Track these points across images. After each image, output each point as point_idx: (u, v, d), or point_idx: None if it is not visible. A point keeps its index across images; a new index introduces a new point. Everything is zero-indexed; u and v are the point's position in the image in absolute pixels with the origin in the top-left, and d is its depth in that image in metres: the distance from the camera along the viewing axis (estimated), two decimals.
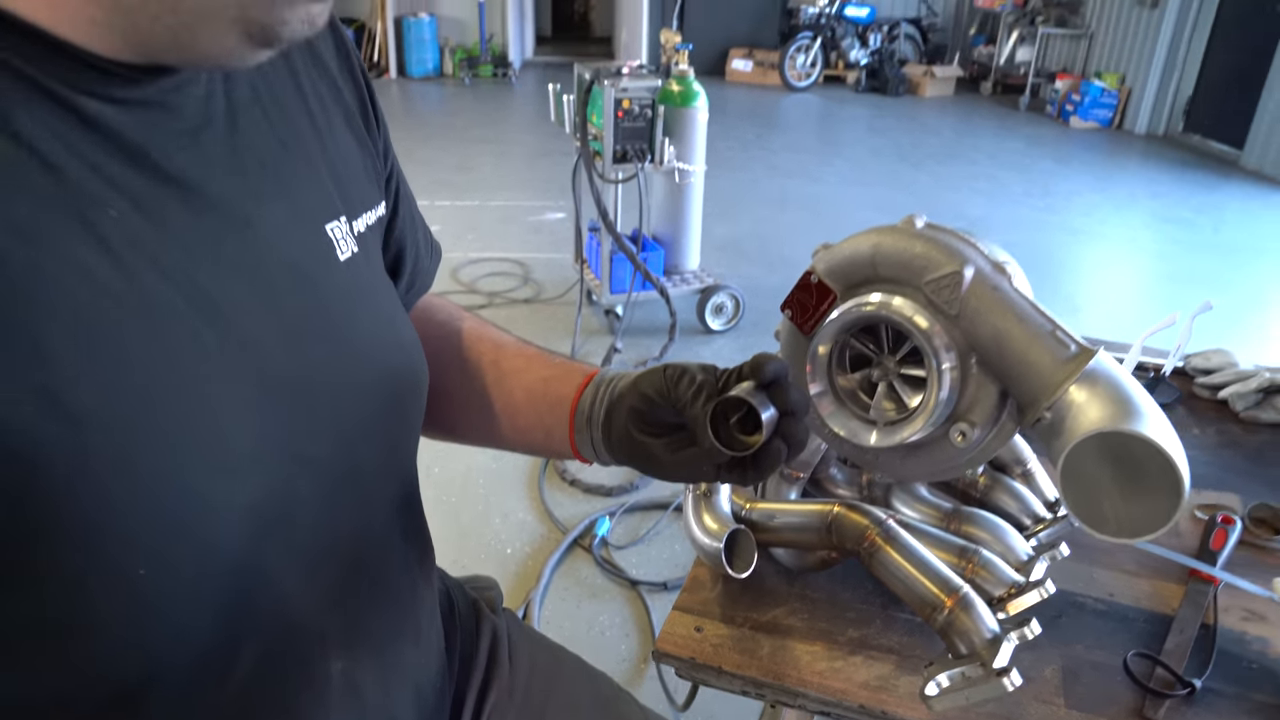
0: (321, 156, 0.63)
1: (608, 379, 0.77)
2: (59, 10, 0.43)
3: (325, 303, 0.59)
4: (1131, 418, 0.66)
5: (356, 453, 0.61)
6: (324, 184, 0.62)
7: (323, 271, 0.60)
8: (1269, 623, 0.91)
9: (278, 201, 0.57)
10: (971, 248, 0.77)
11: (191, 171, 0.51)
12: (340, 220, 0.62)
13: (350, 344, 0.61)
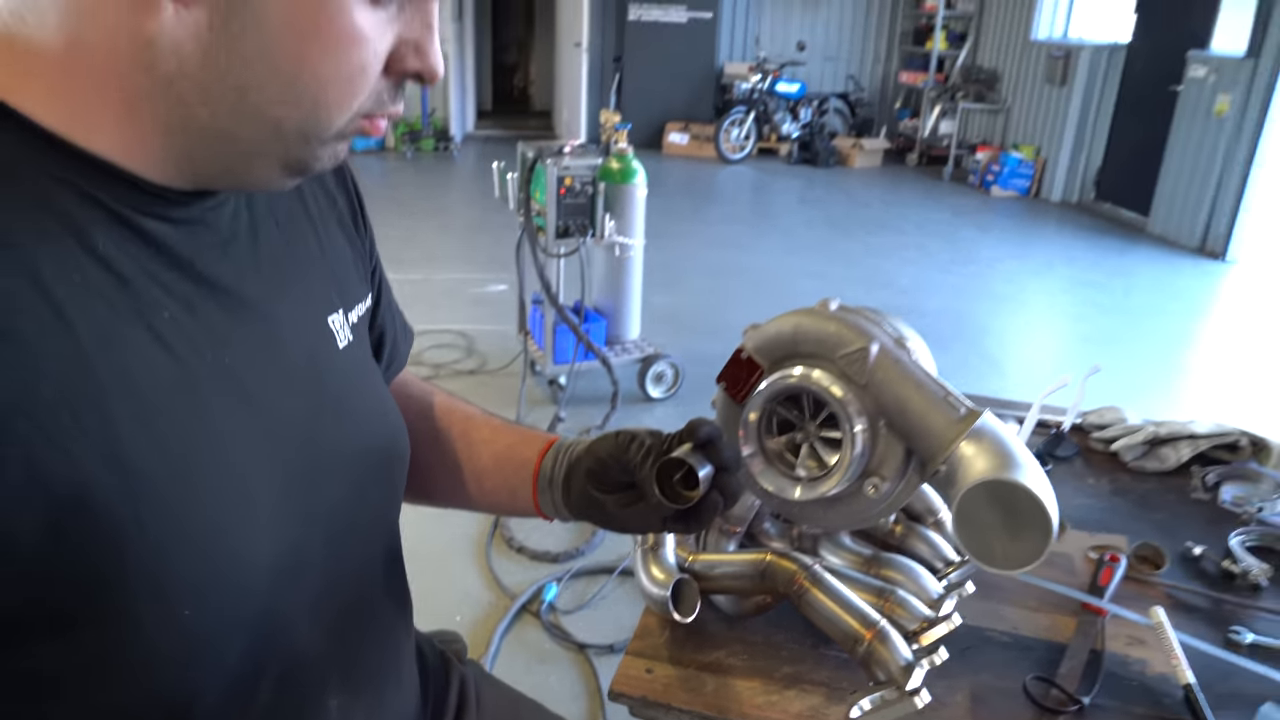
0: (321, 258, 0.73)
1: (566, 445, 0.88)
2: (131, 148, 0.54)
3: (329, 385, 0.69)
4: (1011, 468, 0.78)
5: (353, 513, 0.70)
6: (325, 282, 0.73)
7: (326, 358, 0.70)
8: (1148, 647, 1.03)
9: (291, 300, 0.67)
10: (877, 326, 0.90)
11: (226, 277, 0.61)
12: (339, 313, 0.73)
13: (349, 420, 0.71)
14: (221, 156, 0.56)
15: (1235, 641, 1.05)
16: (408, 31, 0.57)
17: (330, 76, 0.54)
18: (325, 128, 0.56)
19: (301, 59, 0.52)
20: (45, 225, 0.51)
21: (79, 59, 0.52)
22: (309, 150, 0.57)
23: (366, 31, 0.54)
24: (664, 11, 9.98)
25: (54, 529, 0.49)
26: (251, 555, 0.59)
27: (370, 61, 0.55)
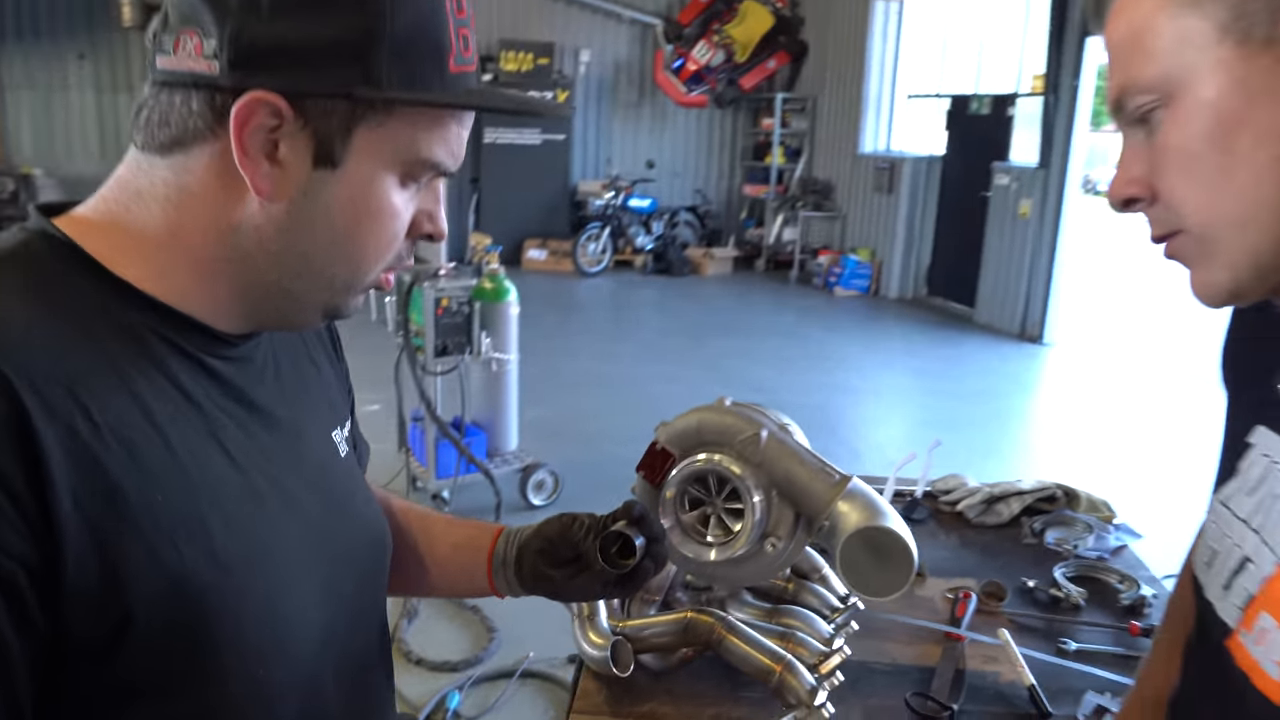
0: (319, 383, 0.90)
1: (513, 531, 1.04)
2: (205, 303, 0.70)
3: (335, 489, 0.85)
4: (879, 518, 1.00)
5: (362, 594, 0.85)
6: (325, 402, 0.89)
7: (333, 465, 0.86)
8: (999, 661, 1.26)
9: (309, 419, 0.83)
10: (764, 416, 1.12)
11: (264, 401, 0.77)
12: (337, 428, 0.89)
13: (353, 516, 0.86)
14: (280, 308, 0.73)
15: (1064, 650, 1.30)
16: (424, 204, 0.75)
17: (373, 243, 0.71)
18: (364, 280, 0.74)
19: (354, 231, 0.70)
20: (141, 364, 0.66)
21: (177, 241, 0.68)
22: (348, 298, 0.75)
23: (399, 208, 0.72)
24: (518, 134, 10.41)
25: (166, 607, 0.63)
26: (302, 629, 0.74)
27: (400, 230, 0.73)
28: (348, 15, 0.64)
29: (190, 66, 0.65)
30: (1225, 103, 0.63)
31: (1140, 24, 0.66)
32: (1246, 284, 0.67)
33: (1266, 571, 0.69)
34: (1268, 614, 0.68)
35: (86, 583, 0.59)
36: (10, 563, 0.56)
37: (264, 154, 0.66)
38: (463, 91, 0.71)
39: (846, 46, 10.11)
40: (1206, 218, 0.66)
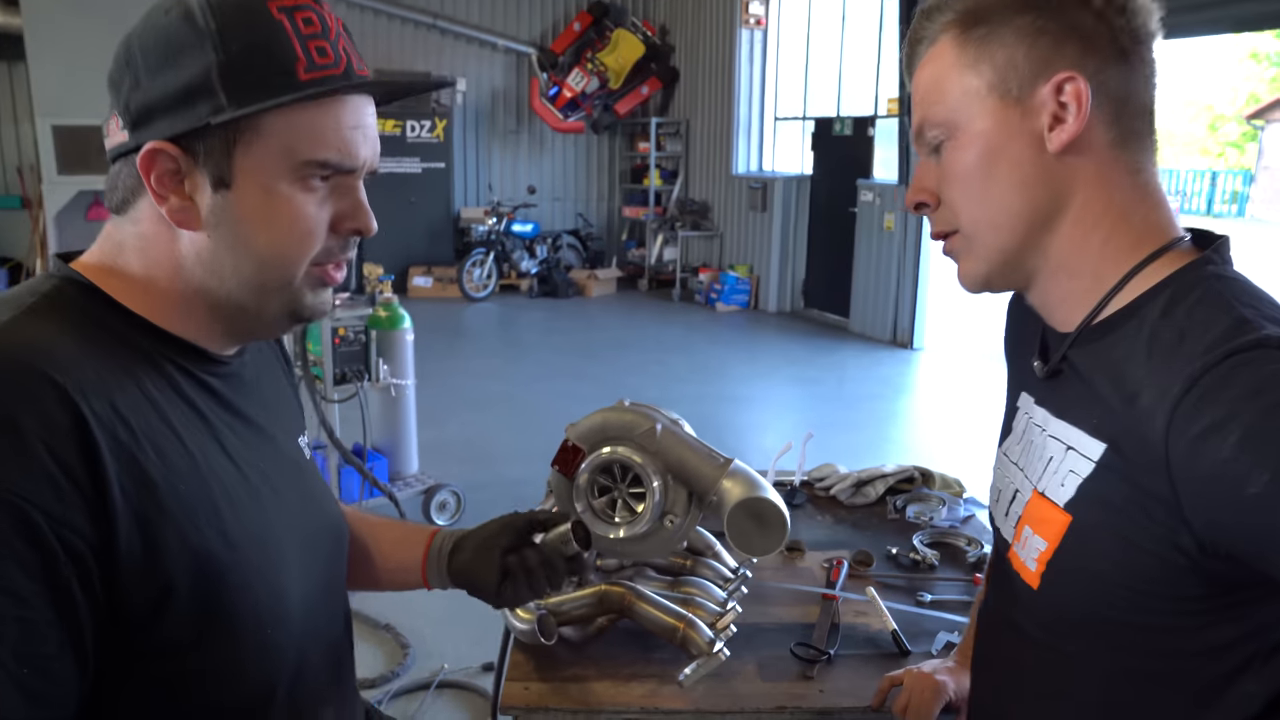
0: (286, 397, 1.04)
1: (446, 533, 1.20)
2: (191, 328, 0.85)
3: (307, 484, 1.00)
4: (758, 489, 1.20)
5: (330, 574, 1.00)
6: (291, 414, 1.03)
7: (303, 465, 1.00)
8: (868, 615, 1.48)
9: (283, 426, 0.98)
10: (658, 412, 1.31)
11: (250, 411, 0.91)
12: (302, 435, 1.03)
13: (321, 509, 1.01)
14: (245, 321, 0.87)
15: (921, 601, 1.53)
16: (339, 204, 0.86)
17: (287, 244, 0.83)
18: (295, 279, 0.85)
19: (266, 239, 0.82)
20: (158, 382, 0.81)
21: (153, 280, 0.83)
22: (289, 296, 0.86)
23: (302, 209, 0.83)
24: (398, 163, 10.42)
25: (193, 579, 0.77)
26: (293, 597, 0.88)
27: (312, 228, 0.84)
28: (188, 62, 0.78)
29: (116, 141, 0.82)
30: (989, 139, 0.86)
31: (937, 78, 0.89)
32: (996, 274, 0.90)
33: (1026, 497, 0.92)
34: (1028, 526, 0.90)
35: (133, 558, 0.73)
36: (79, 541, 0.70)
37: (173, 192, 0.80)
38: (310, 86, 0.78)
39: (715, 72, 10.53)
40: (972, 220, 0.89)
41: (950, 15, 0.87)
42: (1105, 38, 0.82)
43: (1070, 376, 0.89)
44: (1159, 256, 0.84)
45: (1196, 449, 0.70)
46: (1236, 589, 0.75)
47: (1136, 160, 0.86)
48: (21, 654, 0.68)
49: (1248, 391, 0.69)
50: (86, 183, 8.63)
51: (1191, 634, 0.78)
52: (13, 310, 0.77)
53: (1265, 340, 0.70)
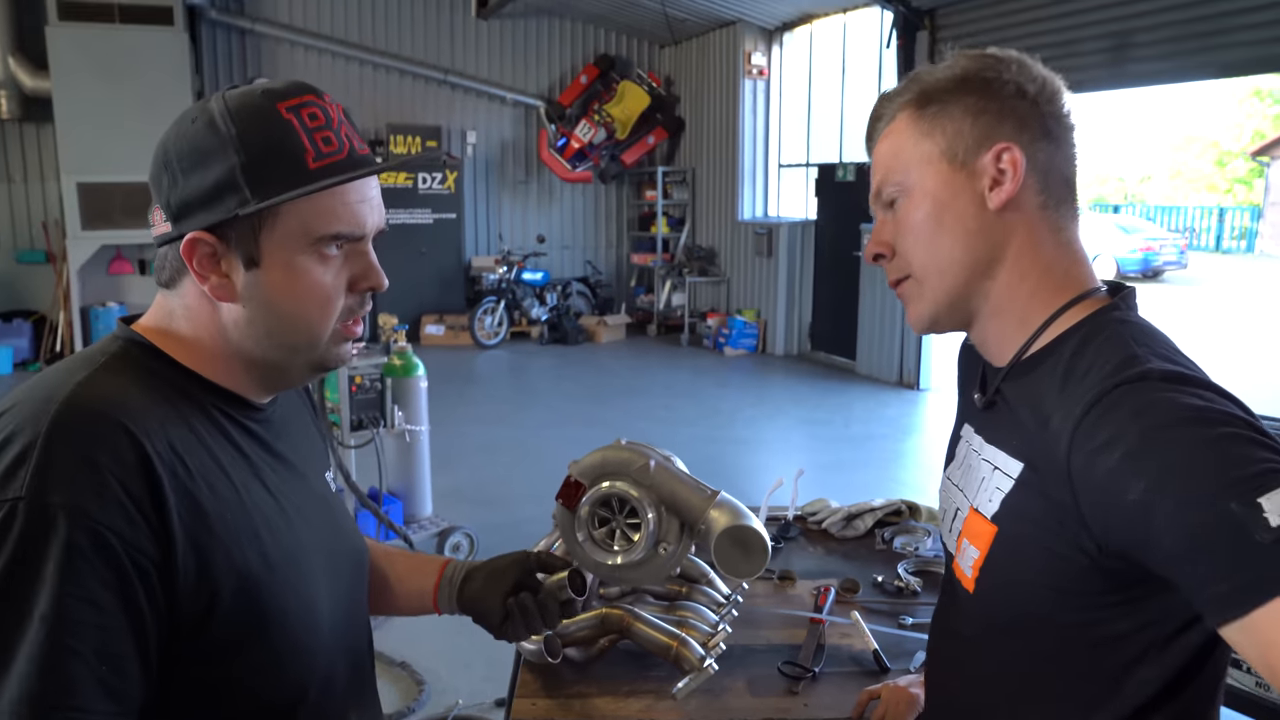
0: (314, 437, 1.17)
1: (457, 563, 1.32)
2: (235, 380, 0.98)
3: (333, 515, 1.12)
4: (742, 519, 1.32)
5: (353, 596, 1.13)
6: (318, 452, 1.16)
7: (330, 498, 1.13)
8: (852, 637, 1.59)
9: (311, 464, 1.11)
10: (651, 450, 1.43)
11: (283, 451, 1.05)
12: (327, 471, 1.17)
13: (346, 537, 1.14)
14: (277, 374, 1.01)
15: (903, 624, 1.64)
16: (354, 267, 1.00)
17: (311, 309, 0.97)
18: (322, 337, 0.99)
19: (292, 306, 0.96)
20: (208, 426, 0.94)
21: (201, 342, 0.97)
22: (318, 353, 1.00)
23: (323, 279, 0.97)
24: (410, 214, 10.67)
25: (236, 594, 0.90)
26: (322, 611, 1.01)
27: (331, 293, 0.98)
28: (218, 165, 0.92)
29: (161, 230, 0.97)
30: (939, 196, 1.00)
31: (896, 146, 1.04)
32: (943, 315, 1.04)
33: (965, 513, 1.04)
34: (966, 539, 1.03)
35: (188, 575, 0.86)
36: (146, 560, 0.83)
37: (212, 272, 0.95)
38: (320, 175, 0.91)
39: (720, 121, 10.78)
40: (923, 266, 1.03)
41: (907, 96, 1.03)
42: (1036, 119, 0.98)
43: (1001, 406, 1.02)
44: (1077, 303, 0.98)
45: (1091, 463, 0.83)
46: (1132, 586, 0.87)
47: (1061, 221, 1.00)
48: (102, 654, 0.80)
49: (1130, 415, 0.82)
50: (108, 237, 8.92)
51: (1096, 627, 0.90)
52: (89, 368, 0.91)
53: (1149, 373, 0.84)
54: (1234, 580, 0.73)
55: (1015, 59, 1.00)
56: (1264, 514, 0.72)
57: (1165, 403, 0.81)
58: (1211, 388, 0.84)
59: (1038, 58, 1.02)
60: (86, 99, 8.56)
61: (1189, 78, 6.17)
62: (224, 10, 10.13)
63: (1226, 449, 0.77)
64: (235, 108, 0.93)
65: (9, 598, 0.78)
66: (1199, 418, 0.79)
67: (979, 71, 0.99)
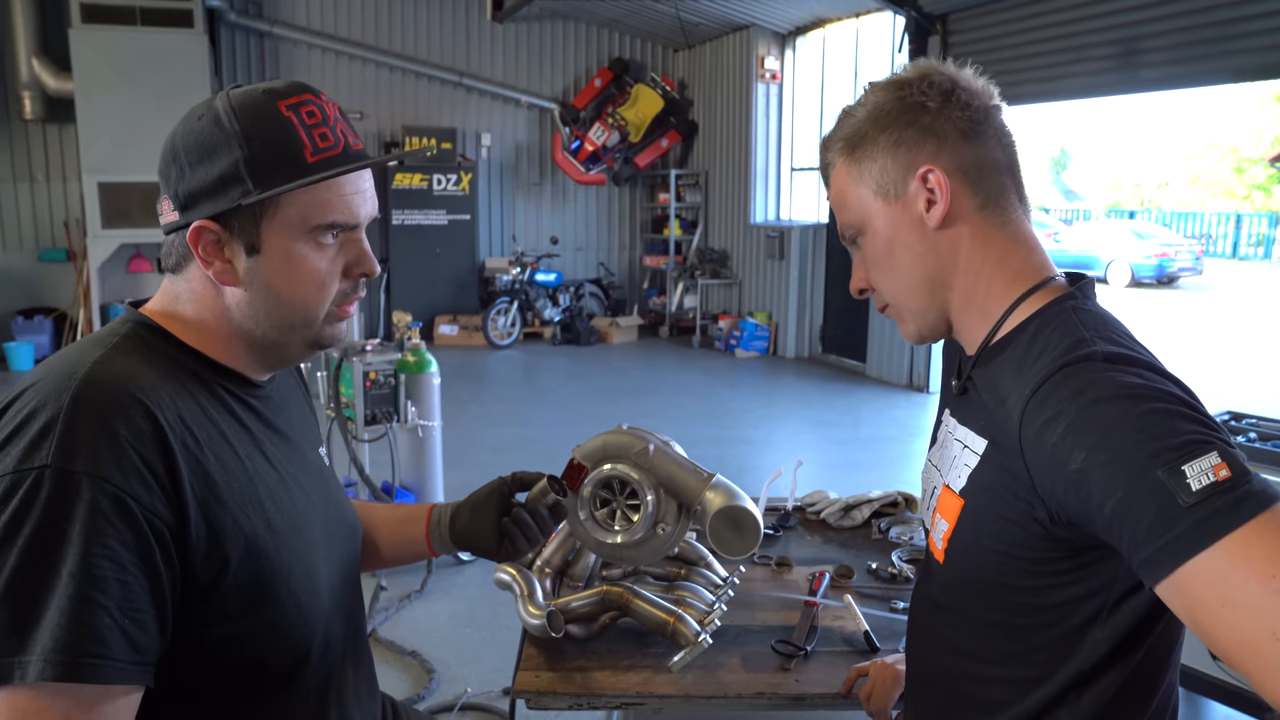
0: (307, 414, 1.25)
1: (441, 506, 1.38)
2: (239, 360, 1.06)
3: (327, 486, 1.20)
4: (735, 499, 1.38)
5: (347, 561, 1.20)
6: (311, 428, 1.24)
7: (324, 471, 1.21)
8: (845, 619, 1.65)
9: (306, 438, 1.19)
10: (651, 435, 1.50)
11: (281, 426, 1.12)
12: (321, 446, 1.24)
13: (340, 507, 1.22)
14: (276, 353, 1.09)
15: (894, 608, 1.69)
16: (348, 254, 1.08)
17: (308, 292, 1.05)
18: (318, 317, 1.07)
19: (290, 289, 1.04)
20: (213, 401, 1.02)
21: (205, 324, 1.05)
22: (313, 331, 1.08)
23: (319, 264, 1.05)
24: (425, 215, 10.77)
25: (243, 558, 0.97)
26: (321, 573, 1.09)
27: (327, 278, 1.06)
28: (223, 158, 1.00)
29: (169, 219, 1.05)
30: (885, 231, 1.09)
31: (840, 192, 1.13)
32: (926, 328, 1.13)
33: (939, 490, 1.11)
34: (938, 514, 1.09)
35: (199, 539, 0.94)
36: (161, 524, 0.90)
37: (216, 258, 1.02)
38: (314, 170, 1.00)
39: (733, 124, 10.83)
40: (892, 293, 1.12)
41: (839, 144, 1.12)
42: (950, 128, 1.04)
43: (972, 391, 1.09)
44: (1034, 293, 1.04)
45: (1039, 436, 0.91)
46: (1083, 552, 0.93)
47: (1004, 214, 1.07)
48: (124, 608, 0.87)
49: (1073, 392, 0.89)
50: (128, 236, 9.04)
51: (1051, 591, 0.96)
52: (103, 348, 0.98)
53: (1092, 355, 0.91)
54: (1160, 542, 0.80)
55: (916, 77, 1.06)
56: (1186, 479, 0.79)
57: (1104, 381, 0.88)
58: (1152, 368, 0.90)
59: (953, 62, 1.08)
60: (108, 100, 8.69)
61: (1200, 83, 6.18)
62: (243, 13, 10.26)
63: (1157, 421, 0.83)
64: (238, 106, 1.01)
65: (39, 557, 0.84)
66: (1133, 393, 0.86)
67: (885, 104, 1.07)
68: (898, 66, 8.21)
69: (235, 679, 1.01)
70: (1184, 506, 0.78)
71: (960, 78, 1.06)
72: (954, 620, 1.09)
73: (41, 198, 9.79)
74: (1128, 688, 0.98)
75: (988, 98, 1.06)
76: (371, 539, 1.38)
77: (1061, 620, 0.97)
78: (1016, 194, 1.08)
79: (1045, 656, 0.99)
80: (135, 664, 0.87)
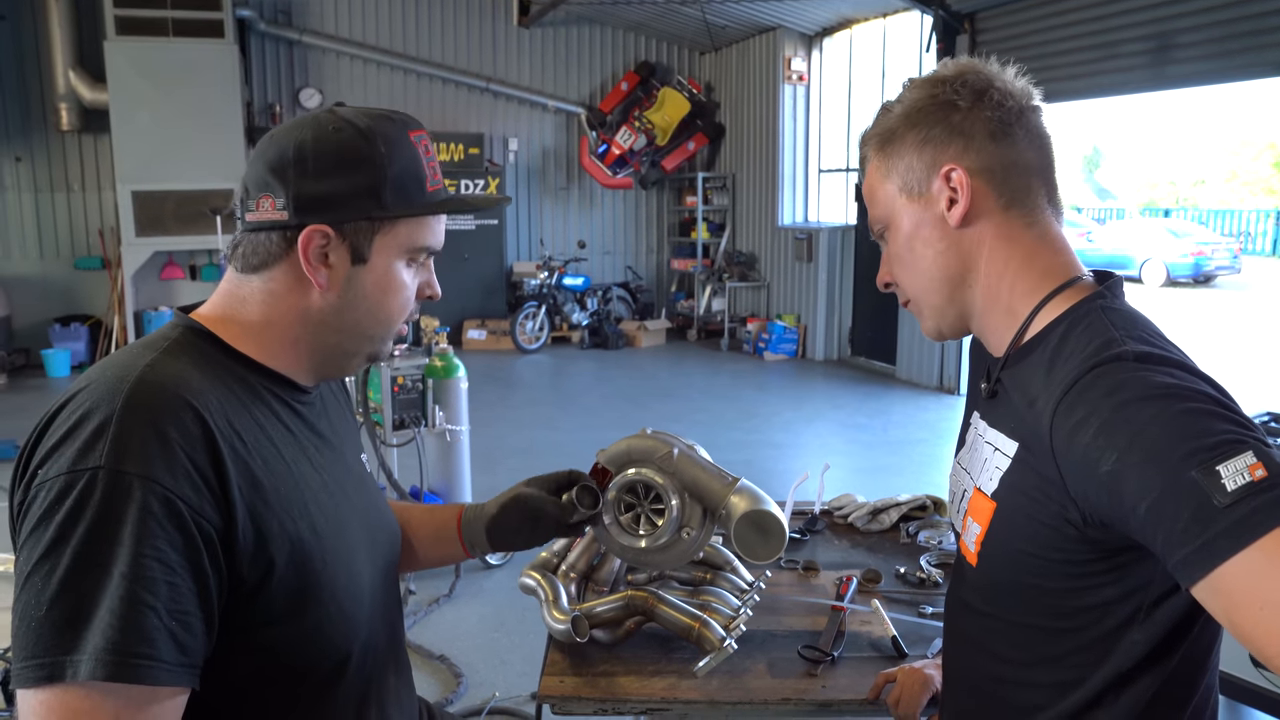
0: (349, 422, 1.25)
1: (474, 506, 1.38)
2: (291, 365, 1.06)
3: (368, 491, 1.20)
4: (761, 504, 1.37)
5: (387, 559, 1.20)
6: (352, 436, 1.24)
7: (365, 477, 1.21)
8: (872, 624, 1.63)
9: (348, 445, 1.19)
10: (675, 439, 1.49)
11: (325, 432, 1.12)
12: (361, 453, 1.24)
13: (380, 512, 1.21)
14: (338, 361, 1.10)
15: (923, 613, 1.67)
16: (422, 276, 1.13)
17: (396, 308, 1.09)
18: (391, 329, 1.11)
19: (383, 302, 1.07)
20: (261, 406, 1.02)
21: (271, 326, 1.05)
22: (383, 347, 1.12)
23: (407, 281, 1.09)
24: (453, 220, 10.80)
25: (289, 560, 0.98)
26: (363, 577, 1.09)
27: (411, 296, 1.11)
28: (365, 173, 1.04)
29: (269, 217, 1.04)
30: (908, 228, 1.09)
31: (871, 188, 1.14)
32: (945, 325, 1.13)
33: (970, 493, 1.09)
34: (970, 517, 1.08)
35: (247, 541, 0.94)
36: (209, 526, 0.90)
37: (320, 263, 1.04)
38: (437, 201, 1.09)
39: (760, 127, 10.80)
40: (913, 289, 1.12)
41: (873, 140, 1.12)
42: (978, 128, 1.04)
43: (1001, 393, 1.07)
44: (1060, 292, 1.02)
45: (1071, 438, 0.89)
46: (1117, 553, 0.91)
47: (1030, 215, 1.06)
48: (172, 610, 0.87)
49: (1104, 393, 0.88)
50: (161, 244, 9.18)
51: (1086, 594, 0.95)
52: (154, 352, 0.99)
53: (1123, 355, 0.90)
54: (1196, 543, 0.78)
55: (952, 75, 1.06)
56: (1222, 480, 0.77)
57: (1136, 381, 0.86)
58: (1184, 367, 0.89)
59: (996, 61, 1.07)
60: (141, 110, 8.82)
61: (1237, 77, 6.08)
62: (272, 22, 10.36)
63: (1191, 421, 0.82)
64: (379, 129, 1.06)
65: (92, 556, 0.85)
66: (1167, 393, 0.84)
67: (919, 101, 1.07)
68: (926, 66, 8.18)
69: (278, 683, 1.02)
70: (1220, 507, 0.77)
71: (998, 78, 1.05)
72: (988, 624, 1.08)
73: (77, 207, 9.96)
74: (1165, 690, 0.97)
75: (1025, 99, 1.05)
76: (409, 540, 1.39)
77: (1097, 622, 0.96)
78: (1047, 195, 1.06)
79: (1081, 659, 0.98)
80: (183, 666, 0.88)
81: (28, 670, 0.83)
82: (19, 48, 9.43)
